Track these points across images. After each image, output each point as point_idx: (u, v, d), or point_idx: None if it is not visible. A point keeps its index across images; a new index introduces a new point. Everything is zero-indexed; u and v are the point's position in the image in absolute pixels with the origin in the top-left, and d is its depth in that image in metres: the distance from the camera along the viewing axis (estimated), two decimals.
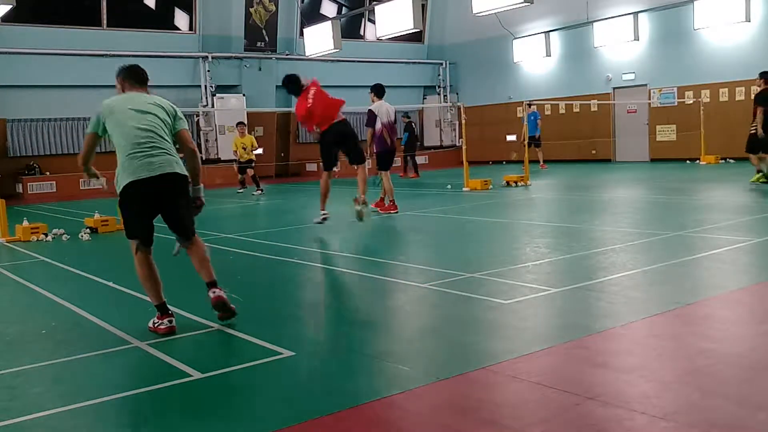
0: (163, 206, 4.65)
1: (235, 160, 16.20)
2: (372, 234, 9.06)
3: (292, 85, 9.02)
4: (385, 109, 10.70)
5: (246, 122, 18.47)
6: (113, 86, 4.87)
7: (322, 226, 9.33)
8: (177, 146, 4.78)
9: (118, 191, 4.54)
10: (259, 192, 15.59)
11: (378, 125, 10.56)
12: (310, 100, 8.79)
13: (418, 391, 3.24)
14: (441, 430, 2.84)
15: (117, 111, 4.56)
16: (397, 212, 10.39)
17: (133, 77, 4.82)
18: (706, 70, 19.10)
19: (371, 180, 10.45)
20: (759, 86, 12.23)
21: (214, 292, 4.64)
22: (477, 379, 3.35)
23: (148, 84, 4.87)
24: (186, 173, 4.66)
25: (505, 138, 23.61)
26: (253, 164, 16.00)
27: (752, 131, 12.12)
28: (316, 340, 4.26)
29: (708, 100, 18.94)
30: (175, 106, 4.84)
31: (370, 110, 10.69)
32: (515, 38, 23.54)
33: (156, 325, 4.46)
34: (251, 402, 3.21)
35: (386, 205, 10.60)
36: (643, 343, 3.87)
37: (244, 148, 15.80)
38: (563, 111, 22.51)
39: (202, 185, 4.86)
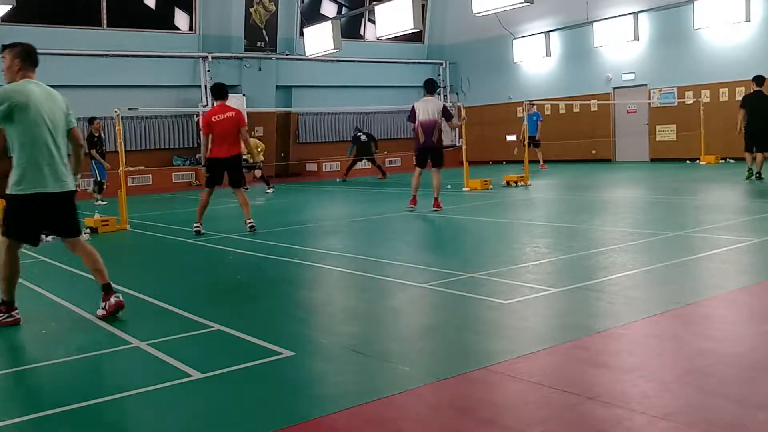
0: (56, 215, 4.75)
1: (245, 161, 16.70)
2: (372, 234, 9.06)
3: (221, 90, 9.14)
4: (423, 106, 10.51)
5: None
6: (113, 86, 4.87)
7: (324, 227, 9.33)
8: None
9: (18, 191, 4.55)
10: (272, 190, 16.09)
11: (416, 122, 10.46)
12: (221, 117, 8.89)
13: (418, 391, 3.24)
14: (441, 430, 2.84)
15: (32, 110, 4.53)
16: (413, 208, 10.49)
17: (33, 60, 4.78)
18: (706, 70, 19.09)
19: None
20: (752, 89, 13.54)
21: (117, 297, 4.85)
22: (477, 379, 3.35)
23: (148, 84, 4.89)
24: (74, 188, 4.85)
25: (505, 138, 23.62)
26: (261, 165, 16.42)
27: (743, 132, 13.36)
28: (316, 340, 4.26)
29: (708, 100, 18.93)
30: (67, 102, 4.91)
31: (413, 106, 10.66)
32: (515, 38, 23.54)
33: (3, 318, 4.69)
34: (251, 402, 3.21)
35: (411, 199, 10.68)
36: (643, 343, 3.87)
37: (259, 150, 16.42)
38: (563, 111, 22.51)
39: (79, 175, 5.13)
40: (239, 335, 4.26)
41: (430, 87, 10.78)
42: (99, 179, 15.28)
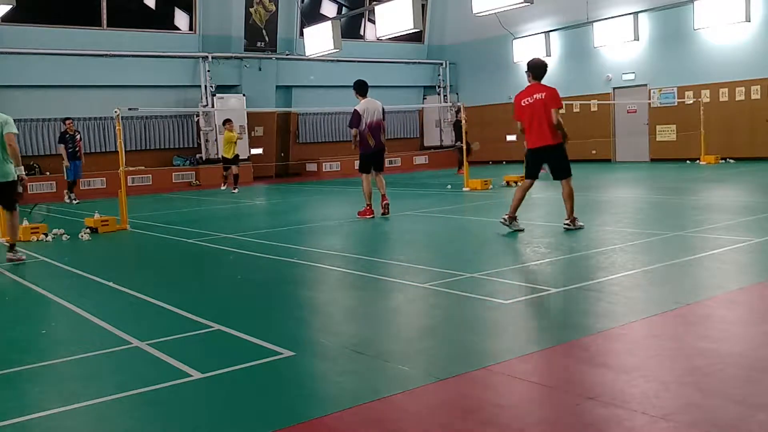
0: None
1: (223, 159, 17.01)
2: (372, 234, 9.05)
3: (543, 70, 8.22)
4: (367, 108, 10.07)
5: (246, 122, 18.77)
6: (113, 86, 4.88)
7: (324, 227, 9.28)
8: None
9: None
10: (236, 191, 16.57)
11: (362, 126, 10.00)
12: (529, 100, 7.95)
13: (418, 391, 3.24)
14: (441, 430, 2.83)
15: None
16: (372, 217, 9.89)
17: None
18: (706, 70, 19.10)
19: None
20: None
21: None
22: (477, 379, 3.35)
23: (148, 84, 5.05)
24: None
25: (505, 138, 23.61)
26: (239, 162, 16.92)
27: None
28: (316, 340, 4.26)
29: (708, 100, 18.93)
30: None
31: (354, 110, 10.16)
32: (515, 38, 23.53)
33: None
34: (251, 402, 3.21)
35: (363, 209, 10.07)
36: (643, 343, 3.87)
37: (235, 142, 16.64)
38: (563, 111, 22.43)
39: (21, 166, 7.73)
40: (239, 335, 4.26)
41: (364, 88, 10.32)
42: (66, 179, 15.80)
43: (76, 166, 15.66)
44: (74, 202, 15.67)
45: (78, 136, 15.80)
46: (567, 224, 7.91)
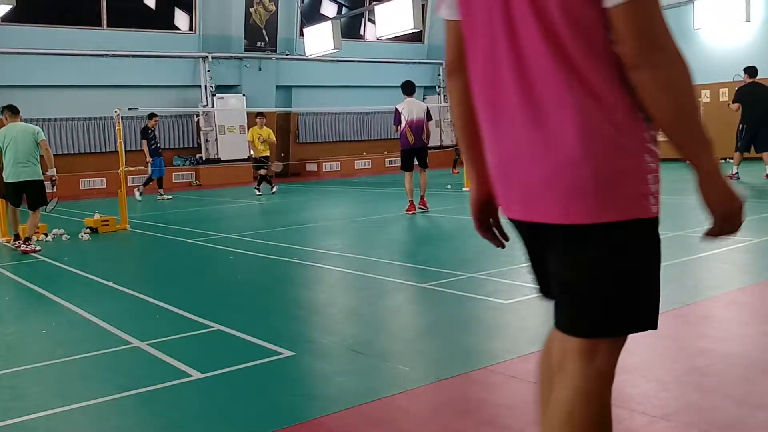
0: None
1: (250, 157, 15.85)
2: (372, 234, 9.06)
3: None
4: (408, 107, 10.34)
5: (246, 122, 18.44)
6: (113, 86, 4.89)
7: (324, 227, 9.24)
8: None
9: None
10: (260, 193, 15.57)
11: (402, 123, 10.25)
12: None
13: (418, 391, 3.24)
14: (441, 430, 2.84)
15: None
16: (414, 213, 10.15)
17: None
18: (706, 70, 19.08)
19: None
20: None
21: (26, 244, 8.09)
22: (477, 379, 3.35)
23: (148, 84, 5.03)
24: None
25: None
26: (268, 163, 15.84)
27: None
28: (316, 340, 4.26)
29: (708, 100, 18.92)
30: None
31: (395, 108, 10.44)
32: None
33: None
34: (251, 402, 3.21)
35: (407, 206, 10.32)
36: (643, 343, 3.87)
37: (263, 141, 15.47)
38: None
39: (54, 169, 8.96)
40: (239, 335, 4.26)
41: (411, 89, 10.62)
42: (152, 176, 15.52)
43: (162, 162, 15.75)
44: (166, 199, 15.41)
45: (156, 133, 15.75)
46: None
